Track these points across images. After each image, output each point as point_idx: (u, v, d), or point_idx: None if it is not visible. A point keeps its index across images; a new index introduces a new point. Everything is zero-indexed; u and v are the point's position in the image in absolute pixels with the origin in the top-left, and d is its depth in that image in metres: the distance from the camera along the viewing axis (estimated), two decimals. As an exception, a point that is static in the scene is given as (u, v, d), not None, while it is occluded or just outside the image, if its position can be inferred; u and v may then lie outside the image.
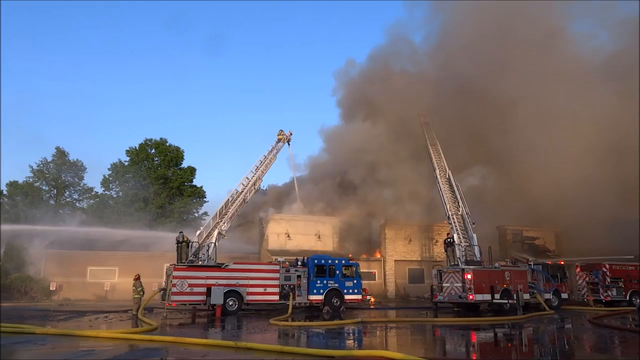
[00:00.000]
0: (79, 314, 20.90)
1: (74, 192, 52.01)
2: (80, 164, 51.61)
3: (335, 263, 23.96)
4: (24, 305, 25.67)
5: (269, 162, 29.22)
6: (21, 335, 13.24)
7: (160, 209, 46.22)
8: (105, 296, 30.20)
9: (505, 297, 23.21)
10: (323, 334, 14.99)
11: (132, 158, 48.78)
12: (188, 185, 49.68)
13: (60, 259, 30.67)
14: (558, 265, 27.83)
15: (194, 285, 20.81)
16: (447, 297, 23.79)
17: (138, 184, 47.08)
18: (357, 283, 24.01)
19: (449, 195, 27.11)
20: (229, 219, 25.35)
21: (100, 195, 49.76)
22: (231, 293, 21.13)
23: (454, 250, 24.70)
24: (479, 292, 22.64)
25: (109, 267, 31.50)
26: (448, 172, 28.31)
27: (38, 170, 49.02)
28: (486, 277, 23.31)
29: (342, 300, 23.28)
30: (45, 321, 17.71)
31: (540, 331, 16.93)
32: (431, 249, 36.67)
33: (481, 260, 24.37)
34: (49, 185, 50.16)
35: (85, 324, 17.06)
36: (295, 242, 34.41)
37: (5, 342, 12.20)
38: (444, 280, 24.13)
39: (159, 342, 12.65)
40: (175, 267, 21.25)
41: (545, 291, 25.58)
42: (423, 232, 36.84)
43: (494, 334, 15.92)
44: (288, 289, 22.41)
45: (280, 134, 31.13)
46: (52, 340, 12.59)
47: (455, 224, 25.42)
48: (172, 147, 49.91)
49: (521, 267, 26.18)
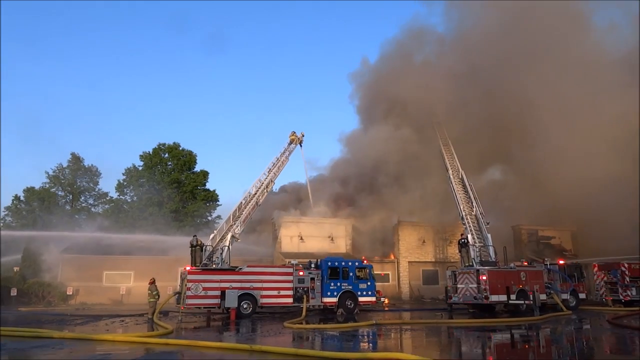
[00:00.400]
0: (95, 318, 21.12)
1: (89, 197, 52.75)
2: (95, 169, 52.35)
3: (349, 265, 23.89)
4: (41, 310, 26.02)
5: (281, 164, 29.24)
6: (39, 340, 13.39)
7: (174, 213, 46.56)
8: (121, 300, 30.49)
9: (522, 297, 22.98)
10: (337, 337, 14.95)
11: (146, 163, 49.20)
12: (201, 189, 49.96)
13: (76, 263, 31.06)
14: (575, 265, 27.44)
15: (209, 288, 20.90)
16: (462, 298, 23.60)
17: (152, 189, 47.51)
18: (371, 285, 23.91)
19: (462, 195, 26.89)
20: (242, 222, 25.42)
21: (115, 200, 50.31)
22: (245, 296, 21.19)
23: (468, 250, 24.50)
24: (495, 292, 22.42)
25: (125, 271, 31.80)
26: (461, 172, 28.08)
27: (54, 175, 49.79)
28: (502, 277, 23.07)
29: (356, 303, 23.20)
30: (63, 325, 17.90)
31: (558, 332, 16.69)
32: (445, 250, 36.42)
33: (496, 260, 24.13)
34: (64, 190, 50.89)
35: (101, 328, 17.23)
36: (309, 245, 34.41)
37: (24, 346, 12.37)
38: (458, 281, 23.94)
39: (174, 345, 12.71)
40: (190, 270, 21.38)
41: (563, 291, 25.24)
42: (437, 233, 36.62)
43: (511, 336, 15.71)
44: (302, 291, 22.40)
45: (292, 136, 31.12)
46: (70, 344, 12.72)
47: (469, 224, 25.20)
48: (184, 151, 50.27)
49: (537, 267, 25.87)
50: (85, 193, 52.32)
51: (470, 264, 24.08)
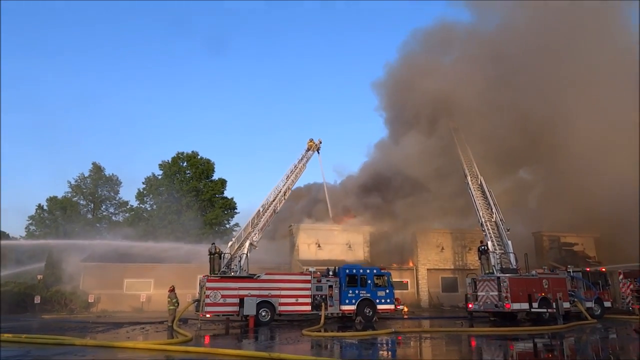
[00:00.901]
0: (116, 325, 21.38)
1: (110, 206, 53.72)
2: (115, 178, 53.34)
3: (367, 272, 23.74)
4: (64, 317, 26.46)
5: (298, 171, 29.30)
6: (62, 347, 13.60)
7: (192, 221, 47.01)
8: (142, 307, 30.80)
9: (544, 305, 22.54)
10: (356, 345, 14.84)
11: (165, 171, 49.89)
12: (219, 197, 50.40)
13: (97, 271, 31.55)
14: (599, 272, 26.81)
15: (227, 296, 20.99)
16: (482, 306, 23.25)
17: (171, 197, 48.11)
18: (389, 292, 23.70)
19: (482, 201, 26.58)
20: (259, 229, 25.51)
21: (135, 208, 51.07)
22: (263, 304, 21.20)
23: (488, 258, 24.15)
24: (516, 300, 22.03)
25: (145, 279, 32.15)
26: (480, 178, 27.76)
27: (76, 185, 50.85)
28: (523, 285, 22.68)
29: (375, 310, 23.01)
30: (85, 333, 18.16)
31: (583, 341, 16.30)
32: (464, 257, 35.97)
33: (517, 268, 23.73)
34: (86, 199, 51.92)
35: (122, 335, 17.42)
36: (326, 252, 34.33)
37: (46, 353, 12.57)
38: (478, 288, 23.60)
39: (193, 353, 12.79)
40: (209, 278, 21.52)
41: (587, 299, 24.68)
42: (455, 239, 36.20)
43: (534, 345, 15.39)
44: (320, 299, 22.32)
45: (310, 142, 31.16)
46: (92, 351, 12.89)
47: (489, 231, 24.88)
48: (202, 159, 50.83)
49: (560, 274, 25.36)
50: (106, 202, 53.33)
51: (491, 271, 23.73)
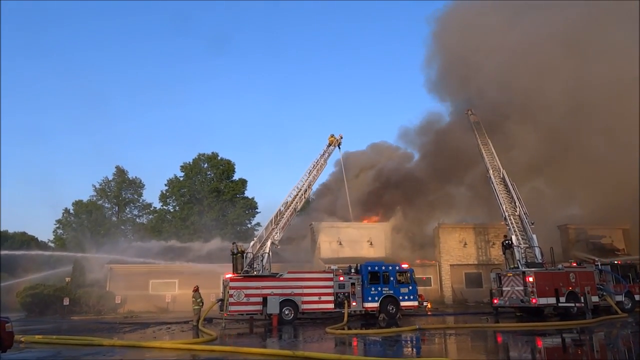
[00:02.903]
0: (142, 325, 21.75)
1: (134, 208, 54.73)
2: (138, 181, 54.32)
3: (389, 269, 23.60)
4: (91, 319, 27.04)
5: (320, 167, 29.06)
6: (91, 347, 13.90)
7: (214, 221, 47.52)
8: (167, 308, 31.22)
9: (572, 300, 22.06)
10: (380, 342, 14.79)
11: (187, 173, 50.56)
12: (240, 197, 50.83)
13: (123, 273, 32.13)
14: (629, 265, 26.13)
15: (251, 295, 21.16)
16: (507, 302, 22.91)
17: (193, 198, 48.72)
18: (412, 289, 23.51)
19: (505, 195, 26.15)
20: (281, 228, 25.55)
21: (158, 210, 51.90)
22: (287, 302, 21.29)
23: (512, 252, 23.77)
24: (543, 295, 21.63)
25: (169, 279, 32.62)
26: (502, 171, 27.32)
27: (100, 189, 51.94)
28: (549, 279, 22.25)
29: (398, 307, 22.86)
30: (112, 333, 18.52)
31: (613, 336, 15.91)
32: (488, 252, 35.44)
33: (543, 262, 23.29)
34: (110, 202, 52.98)
35: (149, 335, 17.72)
36: (348, 249, 34.25)
37: (76, 353, 12.86)
38: (503, 284, 23.25)
39: (218, 352, 12.91)
40: (232, 278, 21.70)
41: (617, 293, 24.07)
42: (478, 234, 35.68)
43: (562, 340, 15.09)
44: (342, 296, 22.28)
45: (331, 138, 30.97)
46: (120, 351, 13.16)
47: (513, 225, 24.47)
48: (223, 160, 51.34)
49: (587, 267, 24.79)
50: (130, 204, 54.33)
51: (516, 265, 23.35)
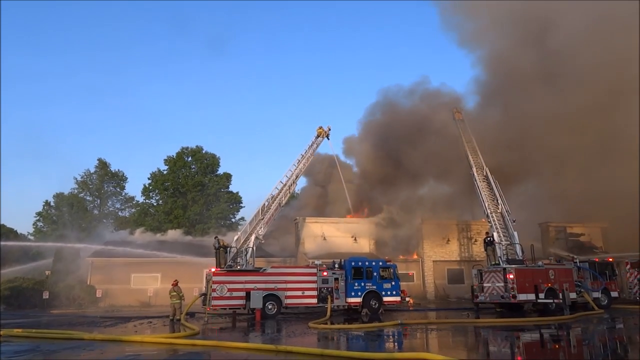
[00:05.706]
0: (124, 319, 21.54)
1: (116, 202, 54.06)
2: (121, 174, 53.63)
3: (373, 265, 23.77)
4: (72, 312, 26.66)
5: (306, 160, 28.94)
6: (71, 341, 13.72)
7: (198, 215, 47.20)
8: (149, 302, 31.00)
9: (551, 296, 22.50)
10: (362, 337, 14.90)
11: (170, 167, 50.05)
12: (225, 191, 50.54)
13: (104, 266, 31.73)
14: (606, 262, 26.70)
15: (234, 289, 21.10)
16: (488, 298, 23.26)
17: (177, 192, 48.26)
18: (395, 285, 23.73)
19: (487, 193, 26.48)
20: (265, 223, 25.51)
21: (141, 204, 51.33)
22: (270, 297, 21.31)
23: (494, 249, 24.13)
24: (523, 291, 22.02)
25: (152, 273, 32.33)
26: (485, 169, 27.65)
27: (82, 181, 51.14)
28: (529, 276, 22.65)
29: (381, 303, 23.06)
30: (93, 327, 18.30)
31: (590, 332, 16.27)
32: (470, 249, 35.92)
33: (523, 258, 23.68)
34: (92, 195, 52.24)
35: (130, 329, 17.55)
36: (332, 245, 34.34)
37: (57, 347, 12.70)
38: (484, 280, 23.59)
39: (201, 346, 12.88)
40: (215, 272, 21.62)
41: (593, 290, 24.62)
42: (461, 231, 36.13)
43: (540, 335, 15.38)
44: (326, 292, 22.38)
45: (319, 129, 30.85)
46: (100, 345, 13.01)
47: (495, 222, 24.81)
48: (207, 154, 50.96)
49: (566, 265, 25.29)
50: (113, 197, 53.65)
51: (497, 262, 23.70)
